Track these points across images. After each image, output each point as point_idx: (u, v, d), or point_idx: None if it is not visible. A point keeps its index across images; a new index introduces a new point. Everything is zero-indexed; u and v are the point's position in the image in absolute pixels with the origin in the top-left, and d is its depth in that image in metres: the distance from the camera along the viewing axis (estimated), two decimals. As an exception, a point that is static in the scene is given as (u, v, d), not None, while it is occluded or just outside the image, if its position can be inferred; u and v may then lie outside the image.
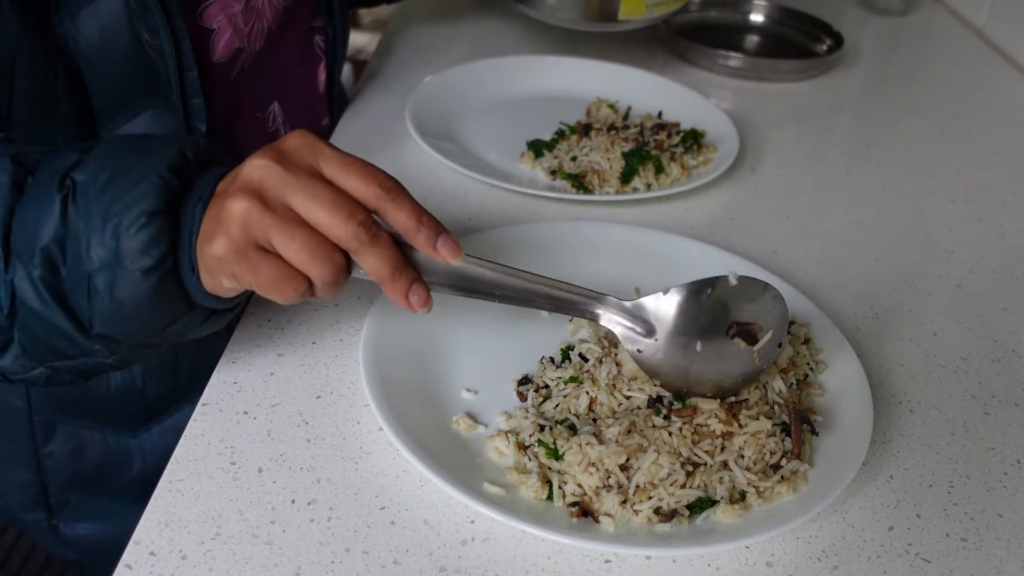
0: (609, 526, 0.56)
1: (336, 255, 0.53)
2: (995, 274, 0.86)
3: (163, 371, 0.85)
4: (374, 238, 0.53)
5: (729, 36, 1.34)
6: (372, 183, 0.54)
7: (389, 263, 0.54)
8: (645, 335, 0.61)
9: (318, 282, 0.53)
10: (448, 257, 0.56)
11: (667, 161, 0.93)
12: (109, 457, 0.88)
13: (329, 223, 0.52)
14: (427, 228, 0.55)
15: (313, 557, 0.54)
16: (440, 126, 0.99)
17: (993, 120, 1.18)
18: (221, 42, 0.79)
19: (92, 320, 0.55)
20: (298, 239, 0.52)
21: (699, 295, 0.60)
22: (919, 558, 0.57)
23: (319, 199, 0.52)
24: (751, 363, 0.61)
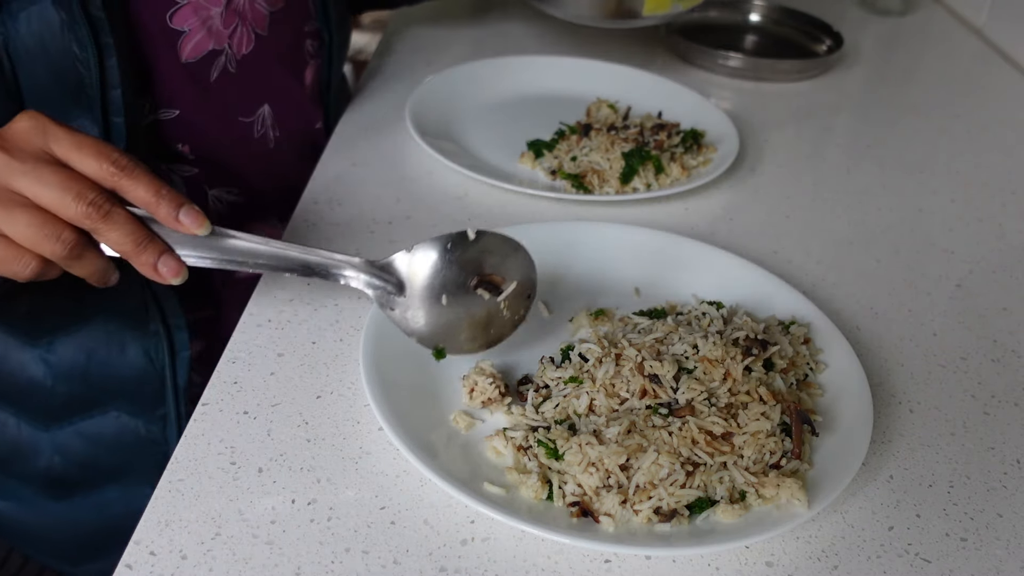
0: (609, 526, 0.56)
1: (65, 233, 0.54)
2: (995, 274, 0.86)
3: (74, 374, 0.85)
4: (107, 215, 0.54)
5: (729, 36, 1.34)
6: (105, 161, 0.54)
7: (130, 237, 0.55)
8: (396, 293, 0.62)
9: (54, 259, 0.54)
10: (192, 228, 0.57)
11: (667, 161, 0.93)
12: (19, 443, 0.89)
13: (59, 204, 0.53)
14: (167, 201, 0.56)
15: (313, 557, 0.54)
16: (440, 126, 0.99)
17: (993, 120, 1.18)
18: (190, 44, 0.79)
19: None
20: (21, 220, 0.53)
21: (443, 251, 0.62)
22: (919, 558, 0.57)
23: (46, 182, 0.53)
24: (500, 313, 0.64)
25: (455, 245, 0.63)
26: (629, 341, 0.66)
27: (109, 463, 0.90)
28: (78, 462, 0.89)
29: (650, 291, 0.77)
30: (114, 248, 0.56)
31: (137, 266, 0.56)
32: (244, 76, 0.86)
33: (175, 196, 0.56)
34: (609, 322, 0.73)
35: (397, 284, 0.62)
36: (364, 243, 0.81)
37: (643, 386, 0.62)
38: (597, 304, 0.75)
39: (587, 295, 0.76)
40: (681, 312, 0.72)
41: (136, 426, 0.88)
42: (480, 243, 0.63)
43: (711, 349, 0.64)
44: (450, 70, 1.09)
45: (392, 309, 0.62)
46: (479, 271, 0.63)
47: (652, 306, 0.74)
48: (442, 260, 0.62)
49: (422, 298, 0.62)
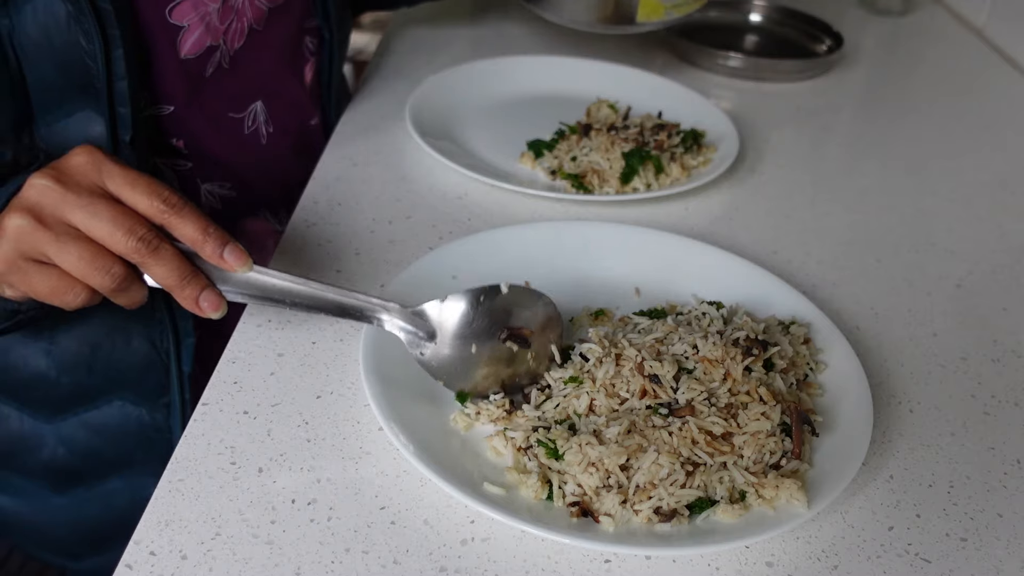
0: (609, 526, 0.56)
1: (115, 267, 0.56)
2: (995, 274, 0.86)
3: (78, 365, 0.85)
4: (155, 251, 0.56)
5: (729, 36, 1.34)
6: (156, 199, 0.57)
7: (175, 273, 0.57)
8: (427, 339, 0.64)
9: (102, 290, 0.56)
10: (236, 266, 0.59)
11: (667, 161, 0.93)
12: (22, 437, 0.89)
13: (110, 239, 0.55)
14: (213, 239, 0.58)
15: (313, 557, 0.54)
16: (440, 126, 0.99)
17: (993, 120, 1.18)
18: (190, 40, 0.79)
19: None
20: (73, 252, 0.55)
21: (474, 302, 0.65)
22: (919, 558, 0.57)
23: (98, 216, 0.55)
24: (527, 364, 0.66)
25: (487, 297, 0.65)
26: (629, 341, 0.66)
27: (113, 453, 0.90)
28: (82, 453, 0.89)
29: (650, 291, 0.77)
30: (159, 282, 0.58)
31: (180, 299, 0.58)
32: (237, 71, 0.86)
33: (221, 235, 0.58)
34: (609, 322, 0.73)
35: (428, 331, 0.64)
36: (364, 243, 0.81)
37: (643, 386, 0.62)
38: (597, 304, 0.75)
39: (587, 295, 0.76)
40: (681, 312, 0.72)
41: (140, 415, 0.88)
42: (510, 296, 0.65)
43: (711, 349, 0.64)
44: (450, 70, 1.09)
45: (422, 353, 0.64)
46: (508, 323, 0.65)
47: (652, 306, 0.74)
48: (473, 311, 0.64)
49: (452, 346, 0.64)
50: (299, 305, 0.62)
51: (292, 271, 0.62)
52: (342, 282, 0.76)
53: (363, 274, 0.77)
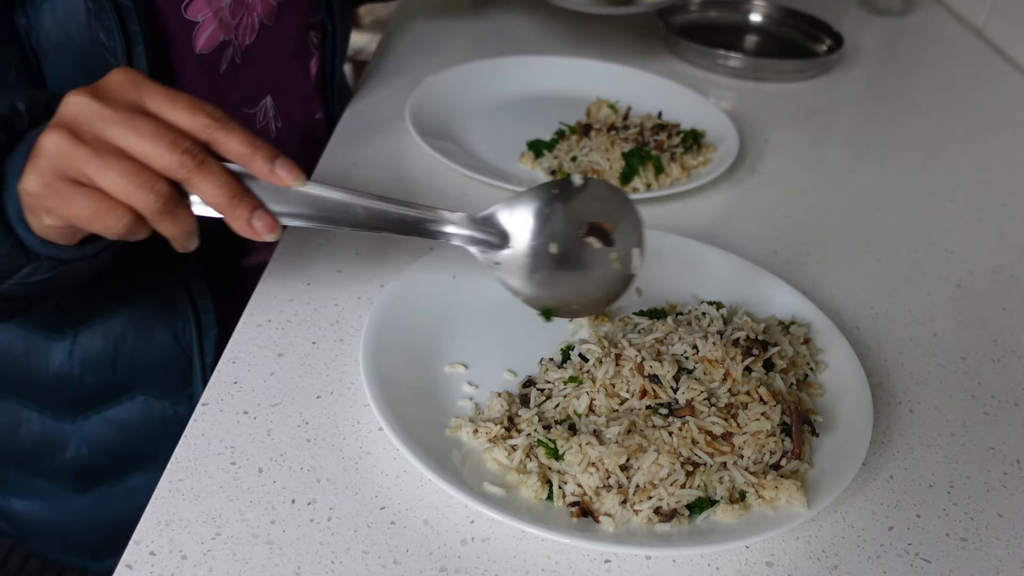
0: (609, 526, 0.56)
1: (160, 184, 0.51)
2: (995, 274, 0.86)
3: (101, 363, 0.85)
4: (202, 164, 0.51)
5: (729, 36, 1.34)
6: (199, 113, 0.52)
7: (224, 189, 0.52)
8: (500, 246, 0.58)
9: (146, 213, 0.51)
10: (288, 179, 0.54)
11: (667, 161, 0.93)
12: (44, 439, 0.89)
13: (152, 153, 0.50)
14: (262, 152, 0.53)
15: (313, 557, 0.54)
16: (440, 126, 0.99)
17: (993, 120, 1.18)
18: (204, 35, 0.79)
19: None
20: (114, 168, 0.50)
21: (548, 198, 0.59)
22: (919, 558, 0.57)
23: (139, 130, 0.50)
24: (609, 266, 0.59)
25: (562, 192, 0.59)
26: (629, 341, 0.66)
27: (135, 449, 0.90)
28: (105, 450, 0.89)
29: (650, 291, 0.77)
30: (208, 200, 0.53)
31: (231, 220, 0.54)
32: (249, 67, 0.86)
33: (270, 148, 0.54)
34: (609, 322, 0.73)
35: (500, 236, 0.58)
36: (364, 243, 0.81)
37: (643, 386, 0.62)
38: (597, 304, 0.75)
39: (587, 295, 0.76)
40: (681, 312, 0.72)
41: (163, 408, 0.89)
42: (586, 191, 0.59)
43: (711, 349, 0.64)
44: (450, 70, 1.09)
45: (497, 263, 0.58)
46: (587, 219, 0.59)
47: (652, 306, 0.74)
48: (548, 207, 0.58)
49: (529, 248, 0.58)
50: (359, 223, 0.56)
51: (289, 271, 0.59)
52: (343, 283, 0.76)
53: (363, 274, 0.77)
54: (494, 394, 0.64)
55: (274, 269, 0.77)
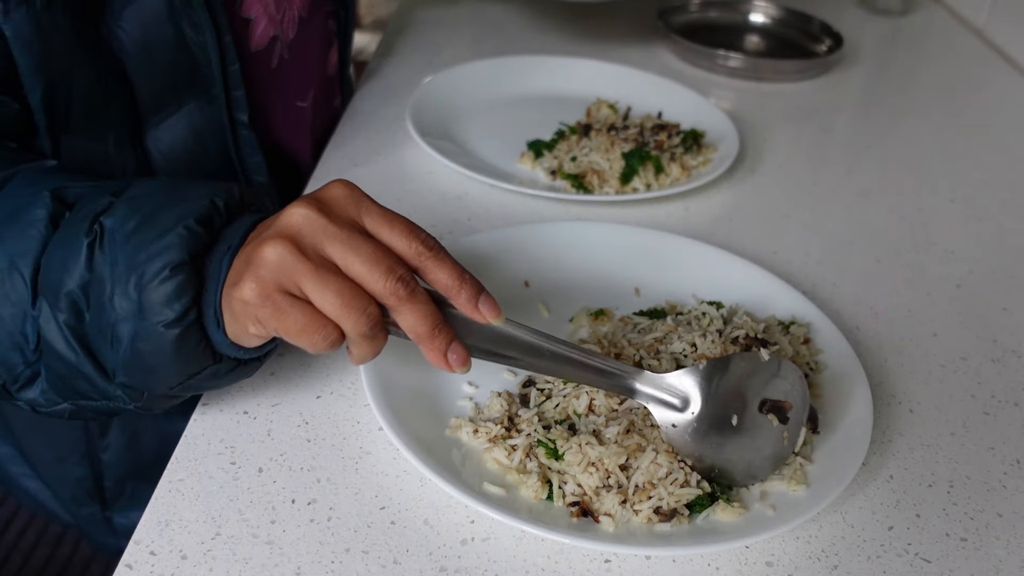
0: (609, 526, 0.56)
1: (371, 307, 0.51)
2: (995, 274, 0.86)
3: None
4: (412, 293, 0.52)
5: (729, 36, 1.34)
6: (415, 240, 0.53)
7: (428, 320, 0.52)
8: (681, 409, 0.58)
9: (351, 333, 0.51)
10: (489, 317, 0.54)
11: (667, 161, 0.93)
12: (163, 443, 0.87)
13: (368, 276, 0.51)
14: (469, 286, 0.54)
15: (313, 557, 0.54)
16: (440, 126, 0.99)
17: (993, 120, 1.18)
18: (258, 31, 0.81)
19: (115, 369, 0.55)
20: (332, 288, 0.50)
21: (732, 369, 0.59)
22: (919, 558, 0.57)
23: (359, 251, 0.51)
24: (780, 443, 0.59)
25: (747, 364, 0.59)
26: (628, 341, 0.66)
27: None
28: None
29: (650, 291, 0.77)
30: (408, 328, 0.53)
31: (427, 351, 0.53)
32: (295, 60, 0.88)
33: (476, 283, 0.54)
34: (609, 322, 0.73)
35: (683, 400, 0.58)
36: (364, 243, 0.81)
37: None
38: (597, 304, 0.75)
39: (587, 295, 0.76)
40: (681, 312, 0.72)
41: None
42: (769, 367, 0.60)
43: (709, 347, 0.64)
44: (450, 70, 1.09)
45: (673, 425, 0.58)
46: (763, 393, 0.59)
47: (652, 306, 0.74)
48: (731, 379, 0.59)
49: (708, 415, 0.58)
50: (541, 367, 0.56)
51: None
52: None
53: (363, 274, 0.77)
54: (494, 394, 0.64)
55: (274, 269, 0.77)
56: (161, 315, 0.52)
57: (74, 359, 0.55)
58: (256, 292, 0.50)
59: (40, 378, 0.57)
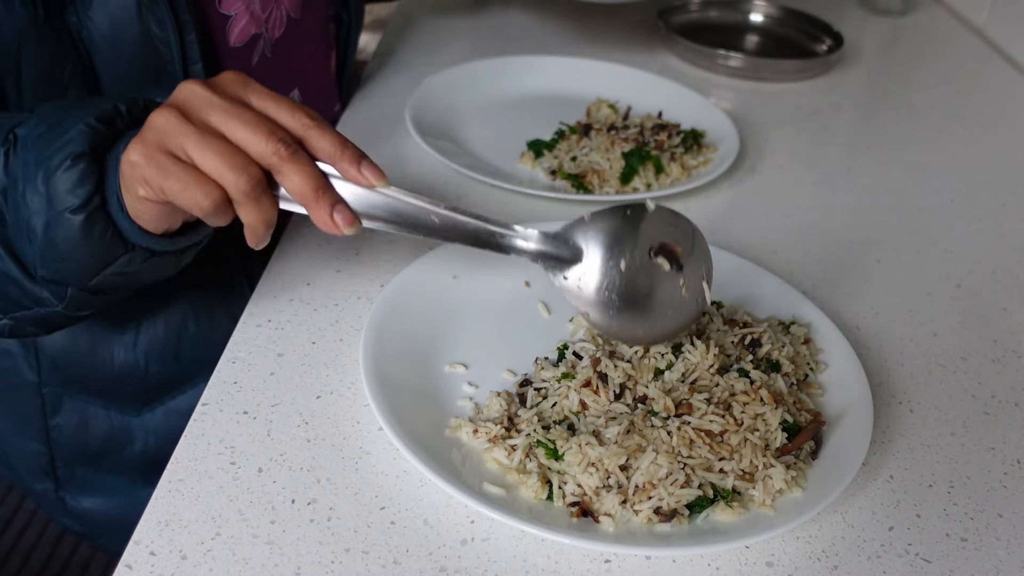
0: (609, 526, 0.56)
1: (251, 167, 0.54)
2: (995, 274, 0.86)
3: (166, 354, 0.87)
4: (294, 154, 0.55)
5: (729, 36, 1.34)
6: (299, 112, 0.56)
7: (311, 180, 0.55)
8: (571, 261, 0.60)
9: (234, 193, 0.54)
10: (372, 180, 0.57)
11: (667, 161, 0.93)
12: (112, 434, 0.90)
13: (249, 139, 0.54)
14: (351, 153, 0.57)
15: (313, 557, 0.54)
16: (440, 126, 0.99)
17: (993, 120, 1.18)
18: (237, 28, 0.81)
19: (35, 265, 0.59)
20: (212, 148, 0.53)
21: (620, 217, 0.60)
22: (919, 558, 0.57)
23: (241, 118, 0.54)
24: (678, 292, 0.60)
25: (633, 214, 0.60)
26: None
27: None
28: (171, 440, 0.90)
29: (650, 291, 0.77)
30: (292, 189, 0.56)
31: (313, 212, 0.56)
32: (279, 60, 0.88)
33: (357, 150, 0.57)
34: (609, 322, 0.73)
35: (572, 251, 0.60)
36: (364, 243, 0.81)
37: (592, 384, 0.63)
38: (597, 304, 0.75)
39: (587, 295, 0.76)
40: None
41: None
42: (657, 216, 0.61)
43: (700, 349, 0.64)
44: (450, 70, 1.09)
45: (565, 279, 0.60)
46: (657, 241, 0.60)
47: (652, 306, 0.74)
48: (619, 226, 0.60)
49: (598, 265, 0.59)
50: (432, 232, 0.58)
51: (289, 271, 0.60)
52: (343, 283, 0.76)
53: (363, 274, 0.77)
54: (493, 393, 0.64)
55: (274, 269, 0.77)
56: (66, 202, 0.56)
57: (1, 263, 0.60)
58: (141, 152, 0.53)
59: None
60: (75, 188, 0.56)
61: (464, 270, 0.75)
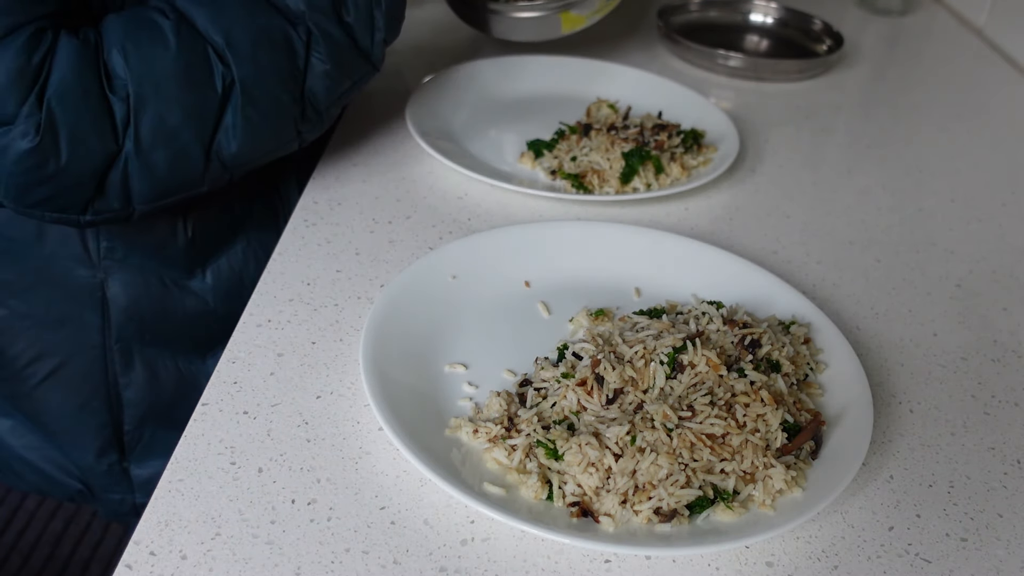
0: (609, 526, 0.56)
1: None
2: (995, 274, 0.86)
3: (231, 292, 0.90)
4: None
5: (729, 36, 1.34)
6: None
7: None
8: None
9: None
10: None
11: (667, 161, 0.93)
12: (181, 383, 0.92)
13: None
14: None
15: (313, 557, 0.54)
16: (440, 126, 0.99)
17: (993, 120, 1.18)
18: None
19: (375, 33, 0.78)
20: None
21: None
22: (919, 558, 0.57)
23: None
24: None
25: None
26: (623, 339, 0.66)
27: None
28: None
29: (650, 291, 0.77)
30: None
31: None
32: None
33: None
34: (609, 322, 0.73)
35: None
36: (364, 243, 0.81)
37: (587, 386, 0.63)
38: (597, 304, 0.75)
39: (587, 295, 0.76)
40: (681, 312, 0.72)
41: None
42: None
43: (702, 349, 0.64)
44: (450, 70, 1.09)
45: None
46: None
47: (652, 306, 0.74)
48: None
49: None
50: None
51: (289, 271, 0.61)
52: (343, 283, 0.76)
53: (363, 274, 0.77)
54: (493, 393, 0.64)
55: (274, 269, 0.77)
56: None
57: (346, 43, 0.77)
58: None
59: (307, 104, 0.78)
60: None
61: (464, 270, 0.75)
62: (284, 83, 0.74)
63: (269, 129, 0.76)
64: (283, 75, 0.74)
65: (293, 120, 0.77)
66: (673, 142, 0.95)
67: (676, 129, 0.97)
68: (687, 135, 0.97)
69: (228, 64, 0.72)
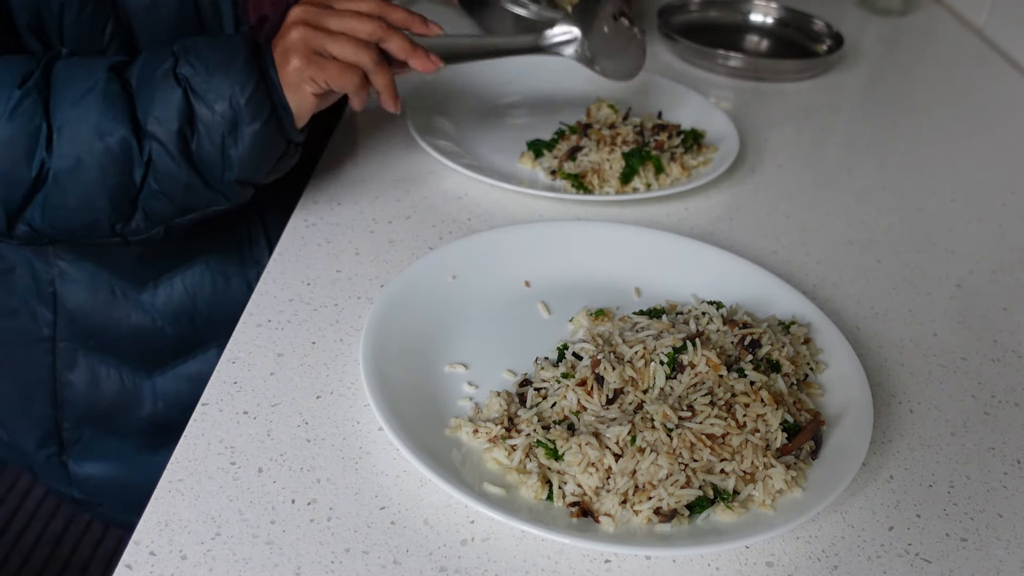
0: (609, 526, 0.56)
1: (371, 46, 0.74)
2: (995, 274, 0.86)
3: (181, 315, 0.89)
4: (388, 28, 0.75)
5: (729, 36, 1.34)
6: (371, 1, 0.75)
7: (406, 41, 0.76)
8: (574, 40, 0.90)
9: (368, 65, 0.73)
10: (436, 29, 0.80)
11: (667, 161, 0.93)
12: (122, 395, 0.91)
13: (360, 28, 0.73)
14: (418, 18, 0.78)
15: (313, 557, 0.54)
16: (440, 126, 0.99)
17: (993, 120, 1.18)
18: (250, 7, 0.84)
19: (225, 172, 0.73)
20: (342, 41, 0.72)
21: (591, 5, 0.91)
22: (919, 558, 0.57)
23: (344, 17, 0.73)
24: (633, 37, 0.96)
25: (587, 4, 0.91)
26: (623, 339, 0.66)
27: None
28: (180, 405, 0.92)
29: (650, 291, 0.77)
30: (398, 51, 0.76)
31: (414, 61, 0.77)
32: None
33: (418, 15, 0.78)
34: (609, 322, 0.73)
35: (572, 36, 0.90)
36: (364, 243, 0.81)
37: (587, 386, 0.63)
38: (597, 304, 0.75)
39: (587, 295, 0.76)
40: (681, 312, 0.72)
41: None
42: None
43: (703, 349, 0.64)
44: (450, 70, 1.09)
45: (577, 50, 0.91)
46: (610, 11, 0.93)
47: (652, 306, 0.74)
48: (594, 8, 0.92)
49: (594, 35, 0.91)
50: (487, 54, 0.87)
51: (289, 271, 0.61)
52: (343, 283, 0.76)
53: (363, 274, 0.77)
54: (493, 393, 0.64)
55: (274, 269, 0.77)
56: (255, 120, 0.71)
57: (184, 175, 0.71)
58: (301, 60, 0.72)
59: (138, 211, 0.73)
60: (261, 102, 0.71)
61: (464, 270, 0.75)
62: (107, 190, 0.70)
63: (78, 222, 0.72)
64: (109, 182, 0.70)
65: (110, 223, 0.73)
66: (673, 142, 0.95)
67: (676, 129, 0.97)
68: (687, 135, 0.97)
69: (51, 152, 0.69)
